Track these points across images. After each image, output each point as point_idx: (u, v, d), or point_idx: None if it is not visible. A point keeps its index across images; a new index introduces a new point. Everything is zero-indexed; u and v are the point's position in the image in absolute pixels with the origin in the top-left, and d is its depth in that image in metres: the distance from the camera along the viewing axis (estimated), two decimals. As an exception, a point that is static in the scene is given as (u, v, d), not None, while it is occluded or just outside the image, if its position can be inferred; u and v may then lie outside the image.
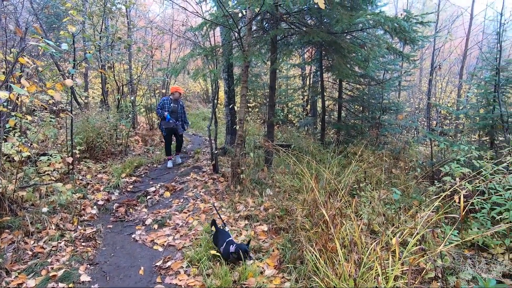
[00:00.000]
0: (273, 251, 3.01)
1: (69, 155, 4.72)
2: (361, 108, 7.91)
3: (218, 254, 2.86)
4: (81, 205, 4.06)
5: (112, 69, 8.09)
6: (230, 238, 2.88)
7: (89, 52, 4.79)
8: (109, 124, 6.63)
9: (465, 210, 2.18)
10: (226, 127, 7.26)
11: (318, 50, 7.21)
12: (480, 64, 5.40)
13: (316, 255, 2.34)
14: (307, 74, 11.26)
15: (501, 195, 2.67)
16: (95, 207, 4.18)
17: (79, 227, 3.60)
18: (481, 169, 3.01)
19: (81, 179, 4.95)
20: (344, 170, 4.11)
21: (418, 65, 10.74)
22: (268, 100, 5.92)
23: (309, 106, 10.96)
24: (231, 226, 3.55)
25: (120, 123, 7.06)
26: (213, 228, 3.24)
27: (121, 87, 7.96)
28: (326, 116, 7.56)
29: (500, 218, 2.64)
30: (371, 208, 3.30)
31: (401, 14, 4.53)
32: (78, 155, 5.42)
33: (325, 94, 7.45)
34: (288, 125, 10.68)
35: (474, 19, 9.74)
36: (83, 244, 3.29)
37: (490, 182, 2.78)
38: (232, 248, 2.71)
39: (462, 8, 9.59)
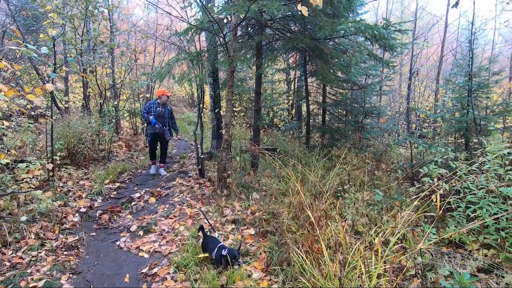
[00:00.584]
0: (260, 254, 3.04)
1: (49, 161, 4.57)
2: (345, 112, 8.11)
3: (205, 258, 2.85)
4: (62, 213, 3.93)
5: (94, 73, 7.90)
6: (221, 244, 2.88)
7: (70, 56, 4.69)
8: (91, 129, 6.46)
9: (442, 209, 2.30)
10: (212, 131, 7.25)
11: (302, 56, 7.36)
12: (455, 70, 5.69)
13: (302, 257, 2.39)
14: (291, 79, 11.44)
15: (475, 194, 2.83)
16: (77, 214, 4.06)
17: (60, 235, 3.49)
18: (457, 170, 3.18)
19: (62, 186, 4.80)
20: (328, 172, 4.21)
21: (397, 70, 11.15)
22: (253, 104, 5.97)
23: (294, 110, 11.12)
24: (218, 231, 3.55)
25: (103, 128, 6.90)
26: (201, 234, 3.23)
27: (103, 91, 7.79)
28: (310, 120, 7.71)
29: (475, 215, 2.79)
30: (355, 209, 3.40)
31: (381, 22, 4.72)
32: (58, 162, 5.24)
33: (309, 98, 7.60)
34: (273, 129, 10.78)
35: (448, 27, 10.24)
36: (65, 253, 3.19)
37: (465, 182, 2.94)
38: (224, 252, 2.73)
39: (438, 16, 10.11)
